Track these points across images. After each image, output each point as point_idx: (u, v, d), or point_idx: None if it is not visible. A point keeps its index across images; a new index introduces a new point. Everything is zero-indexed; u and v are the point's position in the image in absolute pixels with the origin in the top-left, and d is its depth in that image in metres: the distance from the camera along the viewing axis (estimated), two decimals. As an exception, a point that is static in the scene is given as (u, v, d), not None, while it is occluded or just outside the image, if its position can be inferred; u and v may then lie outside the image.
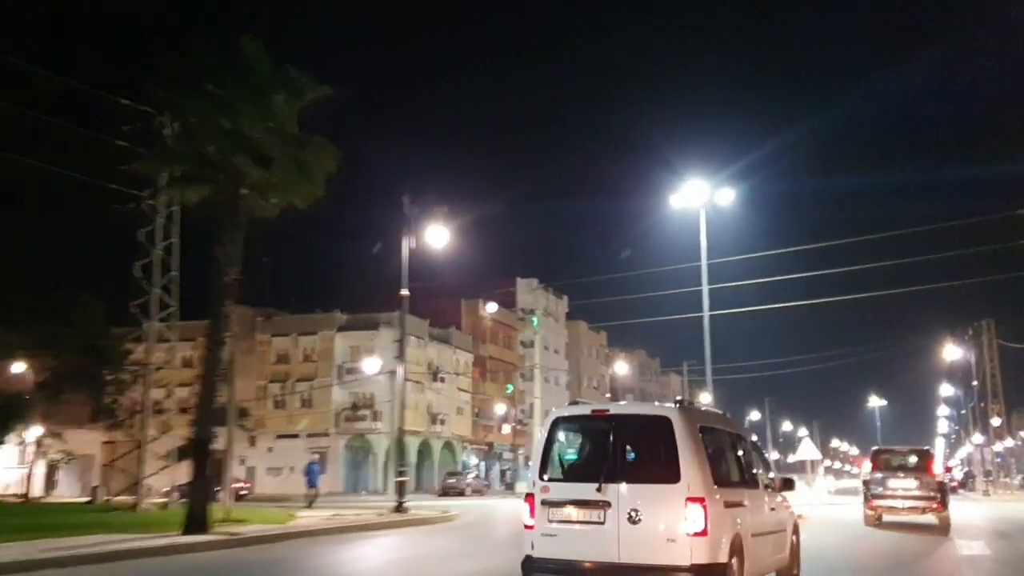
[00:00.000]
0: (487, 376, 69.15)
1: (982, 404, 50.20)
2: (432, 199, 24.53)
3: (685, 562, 7.34)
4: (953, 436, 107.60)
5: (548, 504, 7.98)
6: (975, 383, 47.15)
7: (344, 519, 22.12)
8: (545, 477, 8.17)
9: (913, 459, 20.23)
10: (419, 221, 24.56)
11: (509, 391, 66.26)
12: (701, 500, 7.40)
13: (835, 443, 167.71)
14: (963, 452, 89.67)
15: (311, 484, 30.04)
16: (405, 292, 24.40)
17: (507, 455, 71.33)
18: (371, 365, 32.31)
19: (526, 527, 8.15)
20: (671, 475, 7.53)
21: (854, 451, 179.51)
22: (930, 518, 19.41)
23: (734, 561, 7.75)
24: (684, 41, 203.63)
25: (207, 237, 17.22)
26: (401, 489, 23.54)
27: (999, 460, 66.92)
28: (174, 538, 15.31)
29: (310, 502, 29.11)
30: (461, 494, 52.08)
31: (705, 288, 39.90)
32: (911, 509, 19.43)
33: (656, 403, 8.98)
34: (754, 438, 11.52)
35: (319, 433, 55.87)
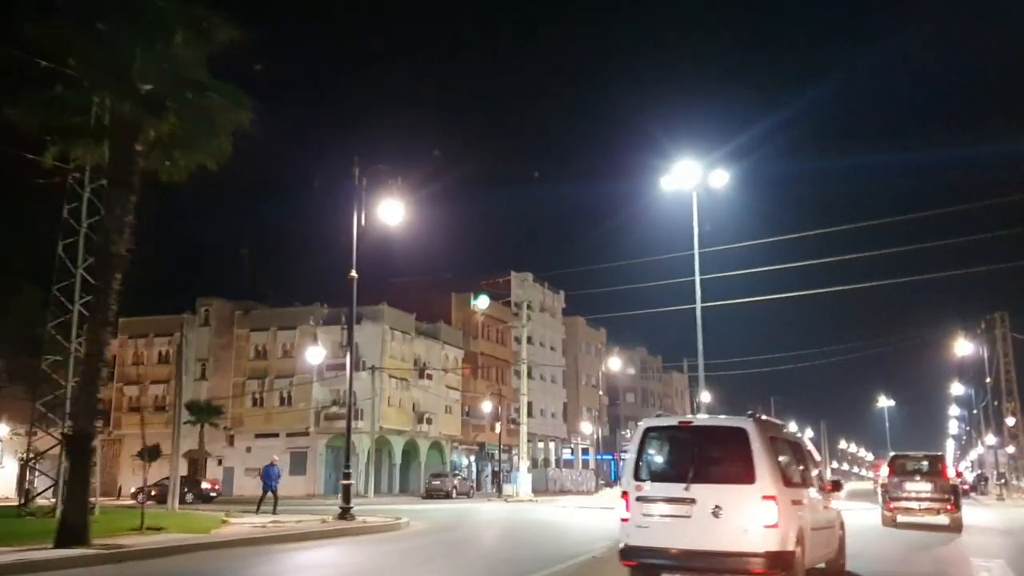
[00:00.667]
0: (479, 373, 66.66)
1: (996, 402, 47.46)
2: (387, 170, 21.97)
3: (761, 549, 8.67)
4: (964, 437, 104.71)
5: (642, 500, 9.35)
6: (988, 380, 44.49)
7: (281, 527, 19.64)
8: (639, 478, 9.56)
9: (927, 464, 22.11)
10: (372, 194, 22.07)
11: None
12: (774, 498, 8.73)
13: (843, 444, 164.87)
14: (974, 454, 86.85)
15: (268, 488, 27.54)
16: (353, 275, 21.86)
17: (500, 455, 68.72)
18: (314, 355, 29.74)
19: (622, 520, 9.54)
20: (748, 477, 8.87)
21: (862, 452, 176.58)
22: (943, 519, 20.99)
23: (798, 550, 9.03)
24: (672, 18, 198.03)
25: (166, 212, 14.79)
26: (347, 493, 21.03)
27: (1012, 462, 64.26)
28: (39, 552, 12.85)
29: (272, 506, 26.68)
30: (447, 496, 49.69)
31: (697, 277, 37.35)
32: (926, 510, 21.05)
33: (732, 416, 10.26)
34: (809, 446, 12.58)
35: (299, 432, 53.50)
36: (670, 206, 39.65)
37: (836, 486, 11.80)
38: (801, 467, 10.46)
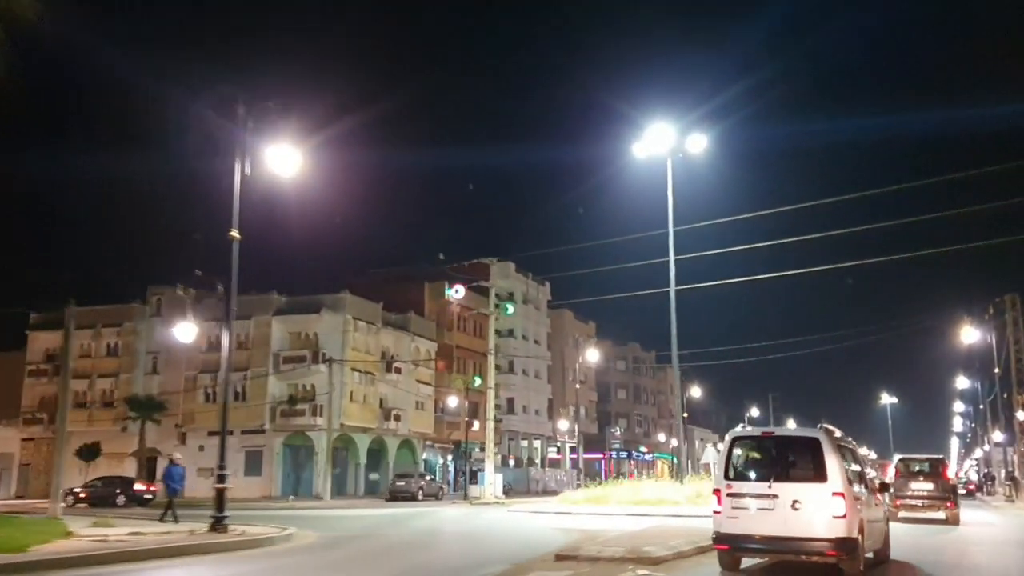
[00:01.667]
0: (455, 367, 62.86)
1: (1004, 395, 43.59)
2: (278, 108, 18.17)
3: (832, 536, 10.64)
4: (969, 435, 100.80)
5: (732, 496, 11.32)
6: (996, 370, 40.63)
7: (139, 540, 15.98)
8: (729, 477, 11.51)
9: (929, 466, 25.17)
10: (260, 137, 18.30)
11: (476, 384, 59.83)
12: (842, 494, 10.74)
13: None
14: (980, 452, 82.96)
15: (171, 491, 23.73)
16: (235, 234, 18.06)
17: (478, 454, 64.93)
18: (184, 332, 25.99)
19: (715, 512, 11.53)
20: (820, 477, 10.89)
21: (864, 451, 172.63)
22: (941, 514, 23.87)
23: (859, 537, 11.01)
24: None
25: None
26: (221, 500, 17.27)
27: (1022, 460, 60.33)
28: None
29: (170, 510, 22.84)
30: (412, 499, 46.02)
31: (672, 257, 33.58)
32: (928, 507, 23.98)
33: (806, 427, 12.94)
34: (865, 452, 14.41)
35: (253, 430, 49.71)
36: (646, 177, 35.91)
37: (883, 487, 14.41)
38: (858, 470, 12.40)
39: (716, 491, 11.59)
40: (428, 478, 50.03)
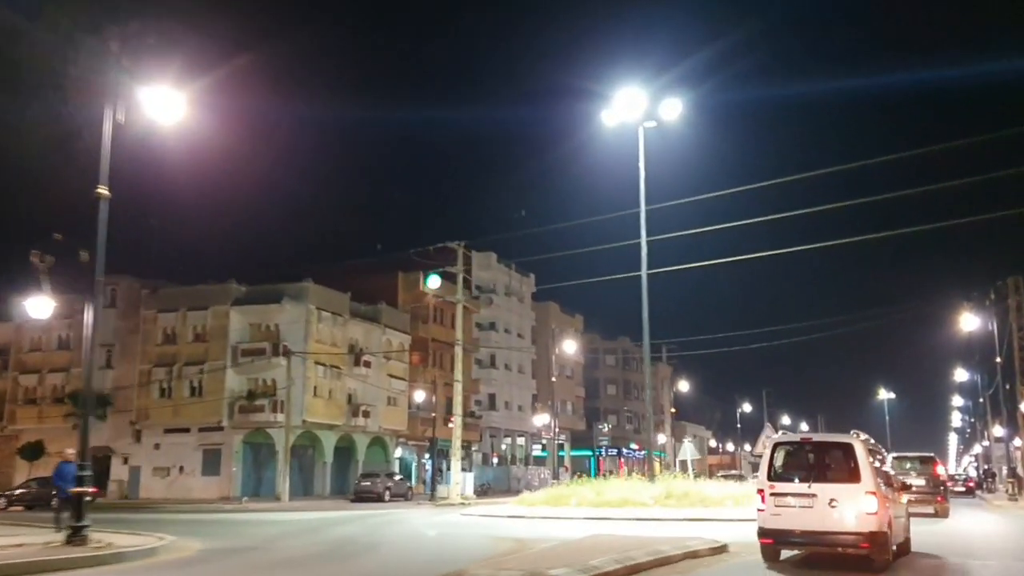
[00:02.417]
0: (431, 361, 60.07)
1: (1007, 386, 40.78)
2: (156, 45, 15.40)
3: (865, 530, 11.71)
4: (968, 430, 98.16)
5: (774, 495, 12.29)
6: (998, 360, 37.85)
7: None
8: (771, 479, 12.53)
9: (920, 464, 27.06)
10: (135, 80, 15.51)
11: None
12: (874, 493, 11.88)
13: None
14: (979, 448, 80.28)
15: (62, 493, 20.80)
16: (103, 191, 15.24)
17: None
18: (37, 307, 22.41)
19: (759, 510, 12.41)
20: (855, 478, 12.01)
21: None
22: (930, 508, 24.90)
23: (888, 531, 12.13)
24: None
25: None
26: (79, 508, 14.40)
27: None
28: None
29: (58, 516, 19.93)
30: (378, 499, 43.31)
31: (644, 234, 30.85)
32: (919, 501, 23.79)
33: (842, 434, 14.24)
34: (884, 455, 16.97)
35: (212, 427, 46.98)
36: (619, 149, 33.10)
37: (905, 487, 15.39)
38: (885, 471, 14.16)
39: (760, 491, 12.56)
40: (398, 478, 47.22)
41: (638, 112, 29.31)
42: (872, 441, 14.19)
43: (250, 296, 48.11)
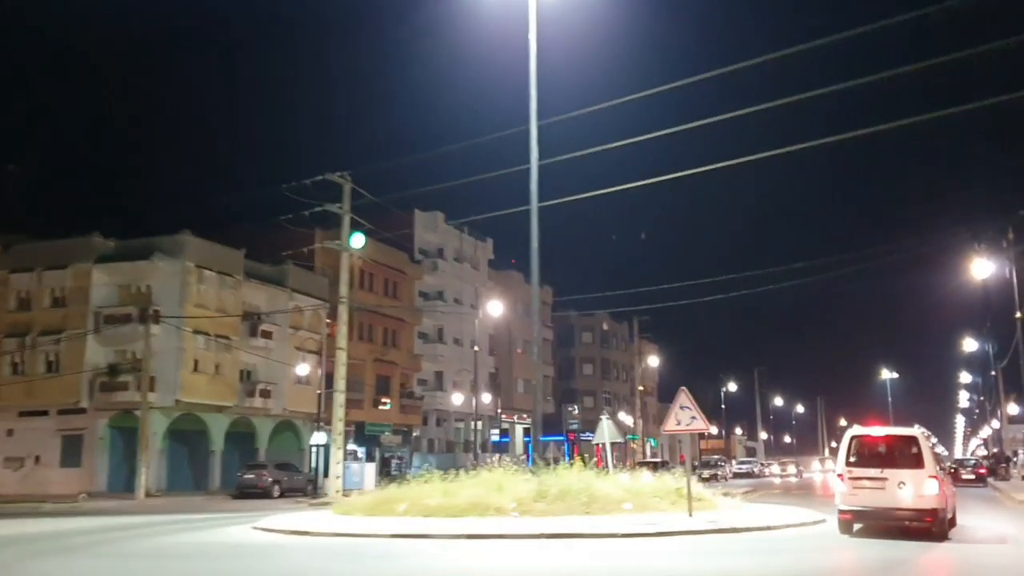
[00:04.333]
0: (357, 334, 52.19)
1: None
2: None
3: (928, 507, 14.19)
4: (976, 411, 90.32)
5: (852, 479, 14.71)
6: (1018, 315, 29.80)
7: None
8: (849, 464, 14.95)
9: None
10: None
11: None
12: (935, 477, 14.38)
13: (843, 423, 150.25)
14: (988, 429, 72.34)
15: None
16: None
17: (386, 437, 54.44)
18: None
19: (839, 491, 14.89)
20: (919, 464, 14.48)
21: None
22: None
23: (946, 507, 14.74)
24: None
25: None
26: None
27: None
28: None
29: None
30: (264, 495, 35.75)
31: (533, 134, 22.91)
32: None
33: (907, 427, 17.28)
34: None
35: (72, 409, 39.27)
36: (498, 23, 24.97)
37: (962, 469, 27.04)
38: (940, 457, 17.24)
39: (840, 475, 15.00)
40: (294, 469, 39.50)
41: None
42: (929, 433, 13.11)
43: (120, 252, 40.30)
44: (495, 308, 44.51)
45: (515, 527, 14.92)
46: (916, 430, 15.73)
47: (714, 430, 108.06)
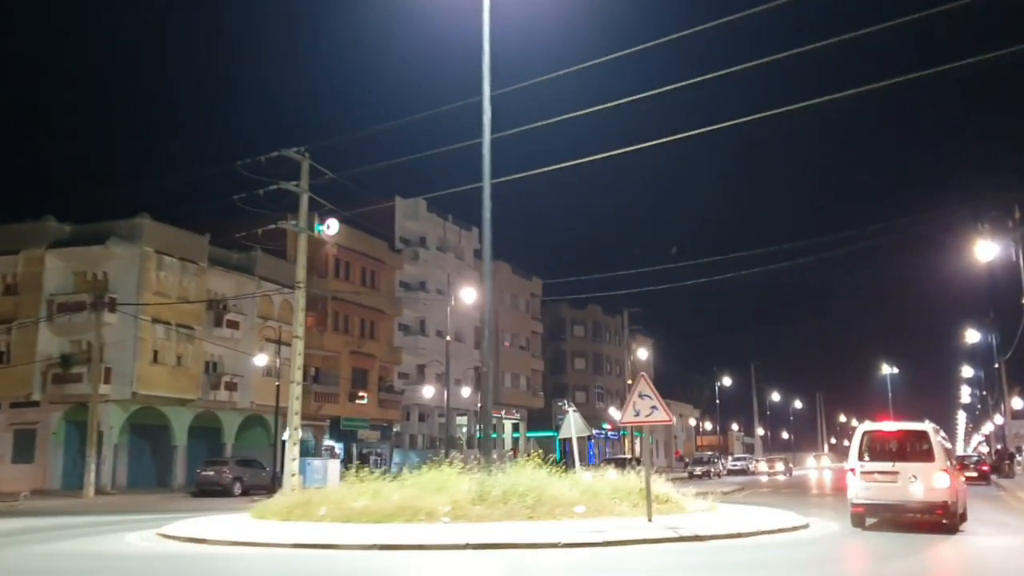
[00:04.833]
0: (333, 324, 50.29)
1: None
2: None
3: (939, 500, 14.51)
4: (979, 406, 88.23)
5: (863, 473, 15.12)
6: (1024, 301, 27.91)
7: None
8: (861, 459, 15.35)
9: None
10: None
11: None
12: (946, 471, 14.77)
13: (843, 419, 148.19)
14: (990, 425, 70.23)
15: None
16: None
17: (364, 433, 52.46)
18: None
19: (851, 486, 15.36)
20: (930, 458, 14.90)
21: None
22: None
23: (957, 500, 15.02)
24: None
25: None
26: None
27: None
28: None
29: None
30: (225, 493, 33.77)
31: (486, 100, 20.72)
32: None
33: (918, 422, 17.29)
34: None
35: (23, 402, 37.27)
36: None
37: (964, 466, 21.92)
38: (951, 452, 17.74)
39: (852, 470, 15.34)
40: (257, 465, 37.46)
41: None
42: (939, 428, 16.98)
43: (75, 237, 38.24)
44: (469, 295, 42.03)
45: (440, 535, 12.84)
46: (927, 425, 16.23)
47: (693, 422, 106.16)
